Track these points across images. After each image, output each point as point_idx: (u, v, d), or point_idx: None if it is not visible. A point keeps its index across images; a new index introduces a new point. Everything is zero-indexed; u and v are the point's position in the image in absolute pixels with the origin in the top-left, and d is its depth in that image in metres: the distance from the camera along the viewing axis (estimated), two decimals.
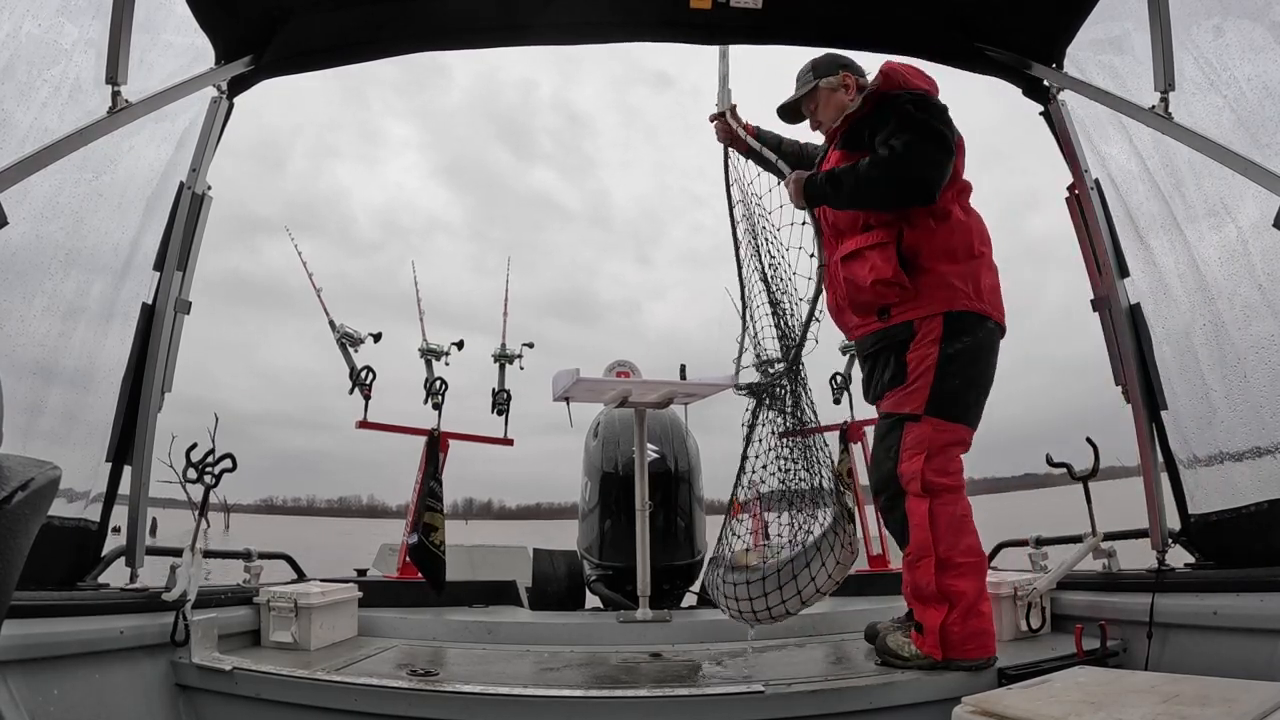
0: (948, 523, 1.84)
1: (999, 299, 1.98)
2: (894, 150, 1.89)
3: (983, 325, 1.93)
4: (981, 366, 1.94)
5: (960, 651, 1.79)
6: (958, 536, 1.84)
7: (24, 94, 1.73)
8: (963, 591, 1.81)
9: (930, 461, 1.86)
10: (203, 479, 2.11)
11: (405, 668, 1.98)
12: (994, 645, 1.83)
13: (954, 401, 1.90)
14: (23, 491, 0.61)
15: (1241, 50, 1.83)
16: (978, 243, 1.98)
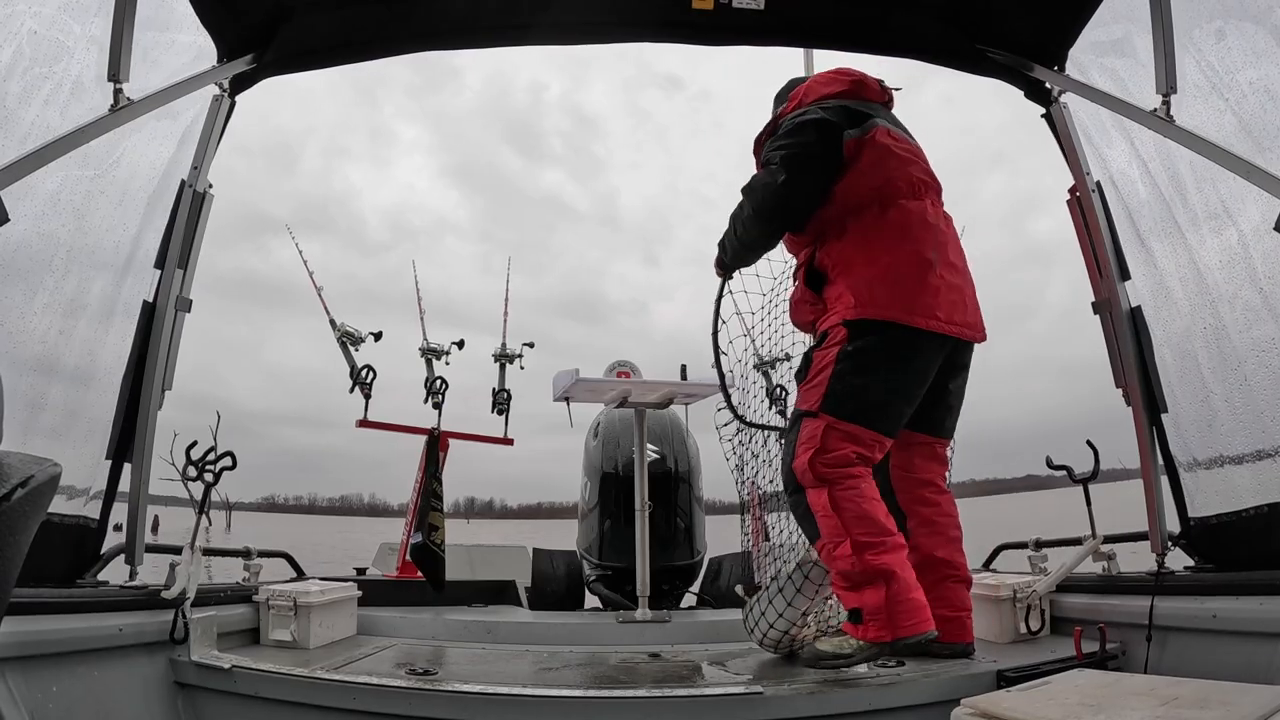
0: (852, 507, 1.83)
1: (917, 300, 1.90)
2: (743, 191, 2.08)
3: (887, 330, 1.90)
4: (888, 371, 1.91)
5: (909, 628, 1.75)
6: (866, 518, 1.82)
7: (26, 91, 1.73)
8: (891, 567, 1.79)
9: (821, 455, 1.87)
10: (203, 476, 2.11)
11: (404, 667, 1.97)
12: (933, 620, 1.79)
13: (850, 400, 1.89)
14: (22, 489, 0.61)
15: (1243, 54, 1.83)
16: (890, 245, 1.95)
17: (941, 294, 1.94)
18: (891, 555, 1.80)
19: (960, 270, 2.05)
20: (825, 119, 2.01)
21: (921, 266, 1.94)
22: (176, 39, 2.12)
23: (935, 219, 2.04)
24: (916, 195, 2.03)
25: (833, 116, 2.02)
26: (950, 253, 2.03)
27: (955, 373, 2.08)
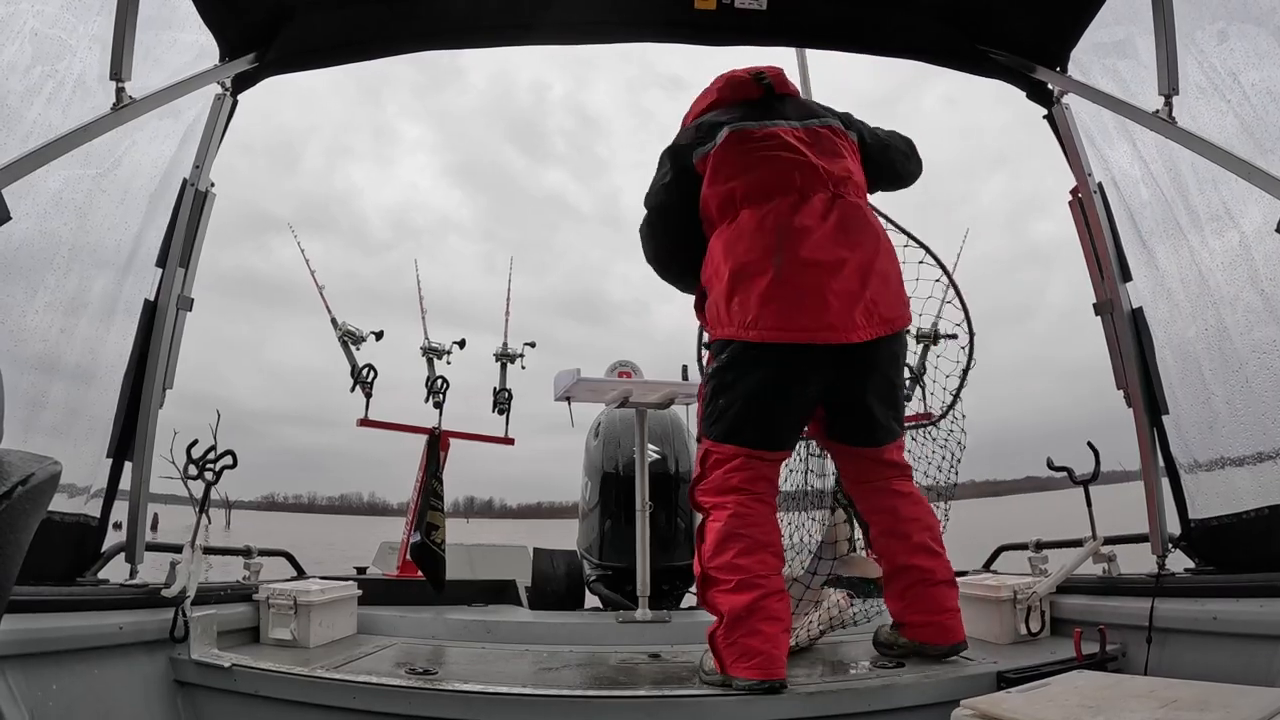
0: (712, 539, 1.83)
1: (760, 312, 1.81)
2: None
3: (729, 348, 1.87)
4: (741, 389, 1.85)
5: (733, 669, 1.70)
6: (718, 554, 1.81)
7: (28, 89, 1.73)
8: (721, 608, 1.78)
9: (699, 483, 1.92)
10: (203, 475, 2.12)
11: (404, 666, 1.98)
12: (779, 670, 1.69)
13: (717, 422, 1.90)
14: (23, 486, 0.62)
15: (1245, 55, 1.83)
16: (722, 265, 1.90)
17: (788, 299, 1.81)
18: (726, 598, 1.77)
19: (825, 265, 1.83)
20: (676, 146, 2.07)
21: (759, 275, 1.83)
22: (178, 38, 2.12)
23: (795, 215, 1.86)
24: (769, 195, 1.90)
25: (685, 139, 2.05)
26: (811, 248, 1.84)
27: (861, 376, 1.89)
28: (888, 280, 1.91)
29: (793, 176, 1.91)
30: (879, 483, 2.01)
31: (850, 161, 2.00)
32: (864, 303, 1.83)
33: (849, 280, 1.83)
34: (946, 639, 1.91)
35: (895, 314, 1.91)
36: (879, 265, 1.89)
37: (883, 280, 1.89)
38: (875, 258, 1.89)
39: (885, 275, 1.91)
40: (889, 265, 1.95)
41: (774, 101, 2.06)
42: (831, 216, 1.88)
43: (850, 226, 1.89)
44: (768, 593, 1.76)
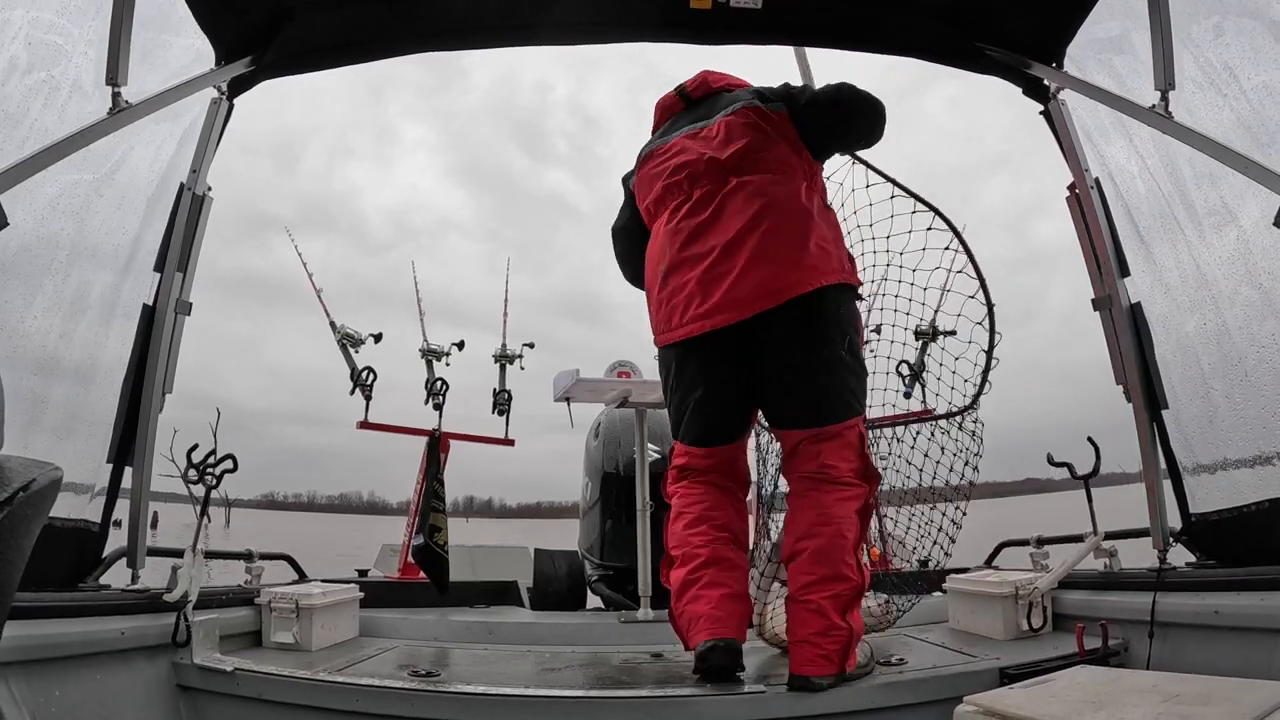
0: (666, 526, 1.98)
1: (664, 318, 1.94)
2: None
3: (658, 355, 2.03)
4: (674, 391, 1.98)
5: (688, 639, 1.82)
6: (669, 536, 1.95)
7: (24, 95, 1.73)
8: (670, 583, 1.90)
9: (666, 477, 2.05)
10: (204, 480, 2.12)
11: (406, 668, 1.98)
12: (726, 630, 1.75)
13: (672, 422, 2.03)
14: (24, 492, 0.61)
15: (1241, 49, 1.83)
16: (645, 277, 2.06)
17: (674, 302, 1.90)
18: (678, 570, 1.88)
19: (698, 256, 1.87)
20: (626, 174, 2.21)
21: (655, 284, 1.97)
22: (175, 42, 2.12)
23: (680, 218, 1.93)
24: (664, 206, 2.00)
25: (631, 169, 2.18)
26: (686, 244, 1.90)
27: (763, 354, 1.85)
28: (774, 252, 1.82)
29: (682, 181, 1.97)
30: (804, 471, 1.85)
31: (757, 138, 1.93)
32: (743, 281, 1.80)
33: (722, 264, 1.83)
34: (792, 668, 1.71)
35: (784, 283, 1.79)
36: (761, 240, 1.82)
37: (766, 253, 1.81)
38: (755, 233, 1.83)
39: (769, 248, 1.82)
40: (780, 235, 1.84)
41: (694, 106, 2.11)
42: (714, 206, 1.90)
43: (731, 209, 1.87)
44: (707, 560, 1.84)
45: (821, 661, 1.68)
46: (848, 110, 1.99)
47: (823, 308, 1.82)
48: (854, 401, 1.86)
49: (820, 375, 1.83)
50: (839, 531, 1.75)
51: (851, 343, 1.85)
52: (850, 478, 1.81)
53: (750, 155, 1.92)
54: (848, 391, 1.85)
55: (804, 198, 1.90)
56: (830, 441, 1.82)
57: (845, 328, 1.85)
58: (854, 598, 1.73)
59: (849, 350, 1.84)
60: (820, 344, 1.82)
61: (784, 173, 1.92)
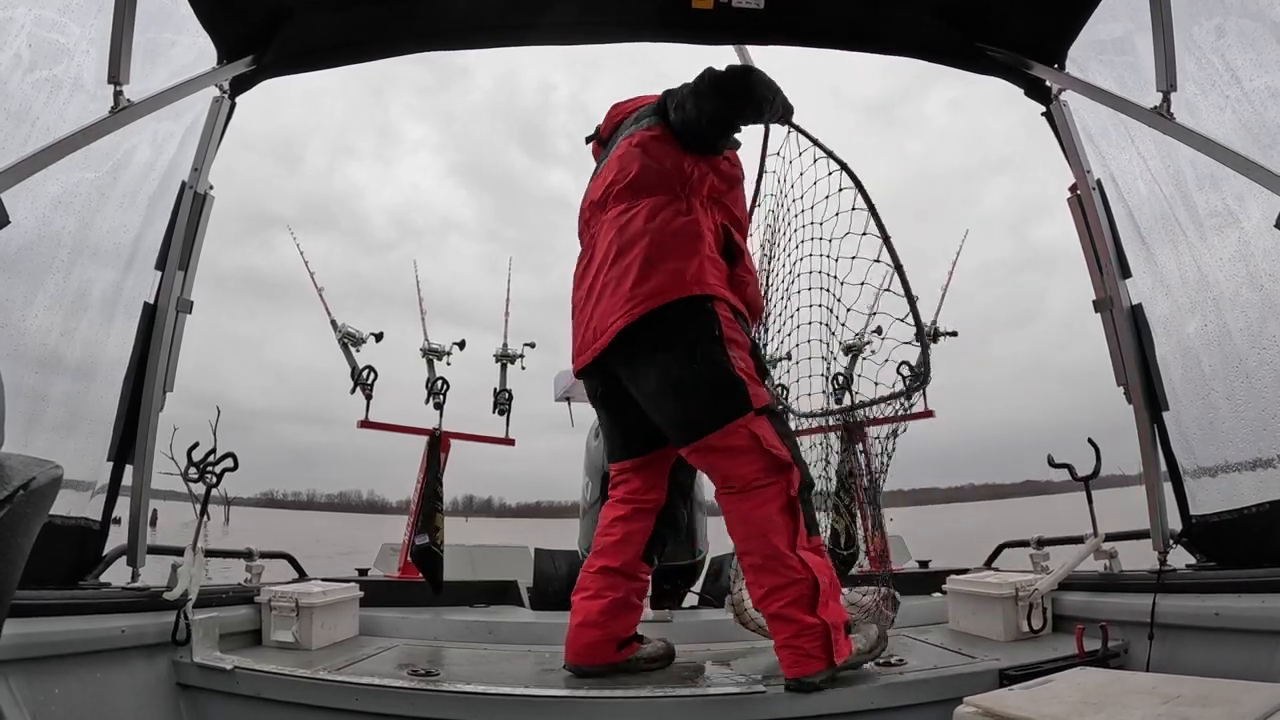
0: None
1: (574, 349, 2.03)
2: None
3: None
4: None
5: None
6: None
7: (26, 93, 1.73)
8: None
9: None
10: (204, 478, 2.12)
11: (406, 668, 1.98)
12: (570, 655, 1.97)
13: None
14: (24, 490, 0.61)
15: (1243, 50, 1.83)
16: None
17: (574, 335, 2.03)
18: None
19: (590, 289, 1.96)
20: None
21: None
22: (176, 40, 2.12)
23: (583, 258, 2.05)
24: (582, 242, 2.10)
25: None
26: (576, 290, 2.04)
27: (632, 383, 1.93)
28: (614, 285, 1.88)
29: (582, 228, 2.12)
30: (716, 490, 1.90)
31: (627, 167, 1.98)
32: (593, 319, 1.92)
33: (587, 304, 1.96)
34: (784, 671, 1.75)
35: (615, 316, 1.85)
36: (606, 276, 1.91)
37: (608, 288, 1.89)
38: (605, 269, 1.92)
39: (611, 281, 1.89)
40: (619, 266, 1.89)
41: (607, 146, 2.17)
42: (588, 248, 2.04)
43: (598, 249, 1.97)
44: (577, 589, 2.07)
45: (806, 661, 1.68)
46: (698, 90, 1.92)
47: (662, 329, 1.82)
48: (724, 408, 1.79)
49: (676, 393, 1.84)
50: (765, 539, 1.73)
51: (704, 354, 1.81)
52: (758, 480, 1.76)
53: (617, 188, 1.98)
54: (710, 402, 1.80)
55: (650, 219, 1.90)
56: (717, 454, 1.80)
57: (691, 340, 1.82)
58: (812, 592, 1.70)
59: (701, 361, 1.81)
60: (668, 364, 1.83)
61: (647, 195, 1.94)
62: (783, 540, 1.72)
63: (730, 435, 1.77)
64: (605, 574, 2.00)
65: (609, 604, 1.97)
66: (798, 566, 1.70)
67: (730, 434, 1.77)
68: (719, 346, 1.82)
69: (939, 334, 3.79)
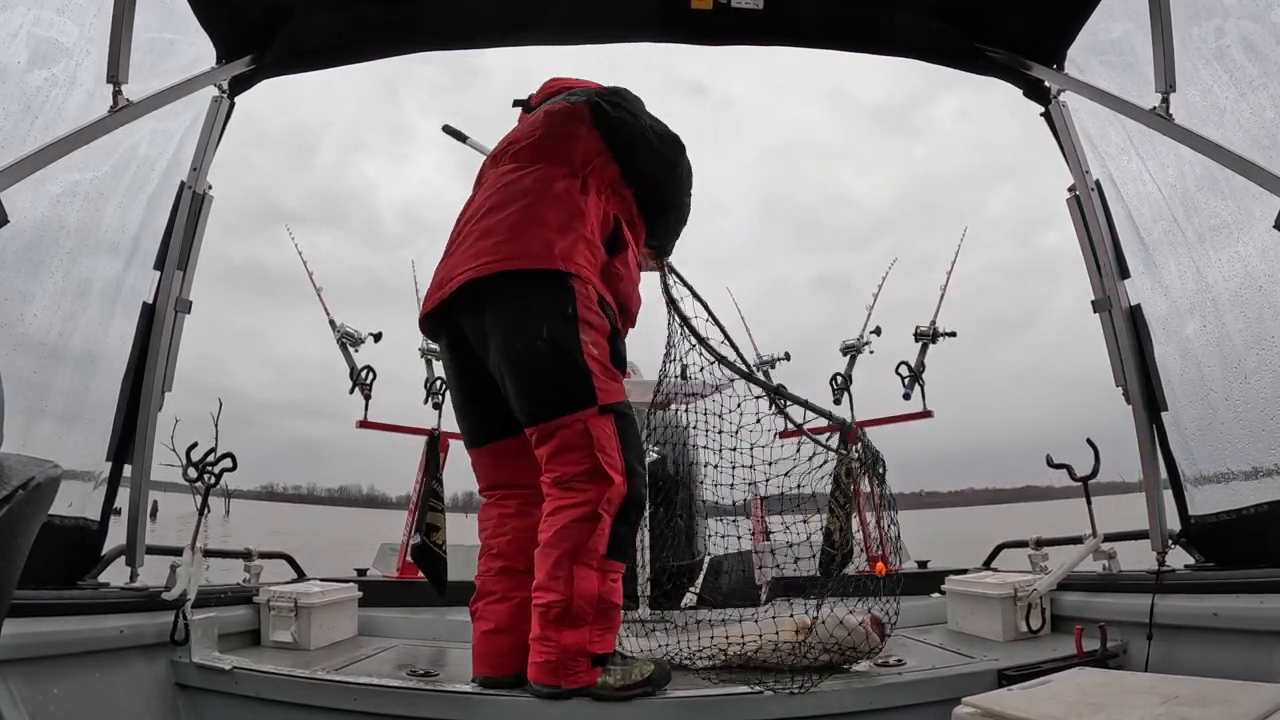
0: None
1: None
2: None
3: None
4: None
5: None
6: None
7: (24, 93, 1.73)
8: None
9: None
10: (203, 478, 2.12)
11: (405, 668, 1.97)
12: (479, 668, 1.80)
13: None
14: (24, 490, 0.61)
15: (1242, 51, 1.83)
16: None
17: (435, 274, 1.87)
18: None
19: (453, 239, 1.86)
20: None
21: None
22: (176, 40, 2.12)
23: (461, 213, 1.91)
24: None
25: None
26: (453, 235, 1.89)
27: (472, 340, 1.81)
28: (483, 236, 1.77)
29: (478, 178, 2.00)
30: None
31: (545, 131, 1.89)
32: (447, 262, 1.81)
33: (442, 263, 1.84)
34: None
35: (468, 266, 1.73)
36: (477, 226, 1.80)
37: (474, 237, 1.78)
38: (478, 219, 1.81)
39: (481, 231, 1.78)
40: (493, 218, 1.79)
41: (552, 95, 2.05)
42: (466, 207, 1.91)
43: (476, 201, 1.88)
44: (478, 594, 1.86)
45: (538, 669, 1.65)
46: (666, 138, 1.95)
47: (513, 294, 1.71)
48: (565, 398, 1.68)
49: (516, 370, 1.71)
50: (547, 542, 1.65)
51: (552, 332, 1.68)
52: (576, 482, 1.66)
53: (516, 148, 1.90)
54: (552, 388, 1.69)
55: (542, 182, 1.81)
56: (549, 444, 1.69)
57: (540, 315, 1.69)
58: (561, 614, 1.61)
59: (548, 340, 1.68)
60: (511, 335, 1.72)
61: (544, 162, 1.85)
62: (565, 547, 1.63)
63: (565, 427, 1.68)
64: (508, 574, 1.82)
65: (518, 606, 1.80)
66: (562, 581, 1.61)
67: (565, 425, 1.68)
68: (571, 328, 1.69)
69: (938, 334, 3.80)
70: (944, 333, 3.84)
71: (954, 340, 3.86)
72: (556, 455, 1.69)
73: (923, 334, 3.76)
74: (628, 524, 1.71)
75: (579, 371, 1.68)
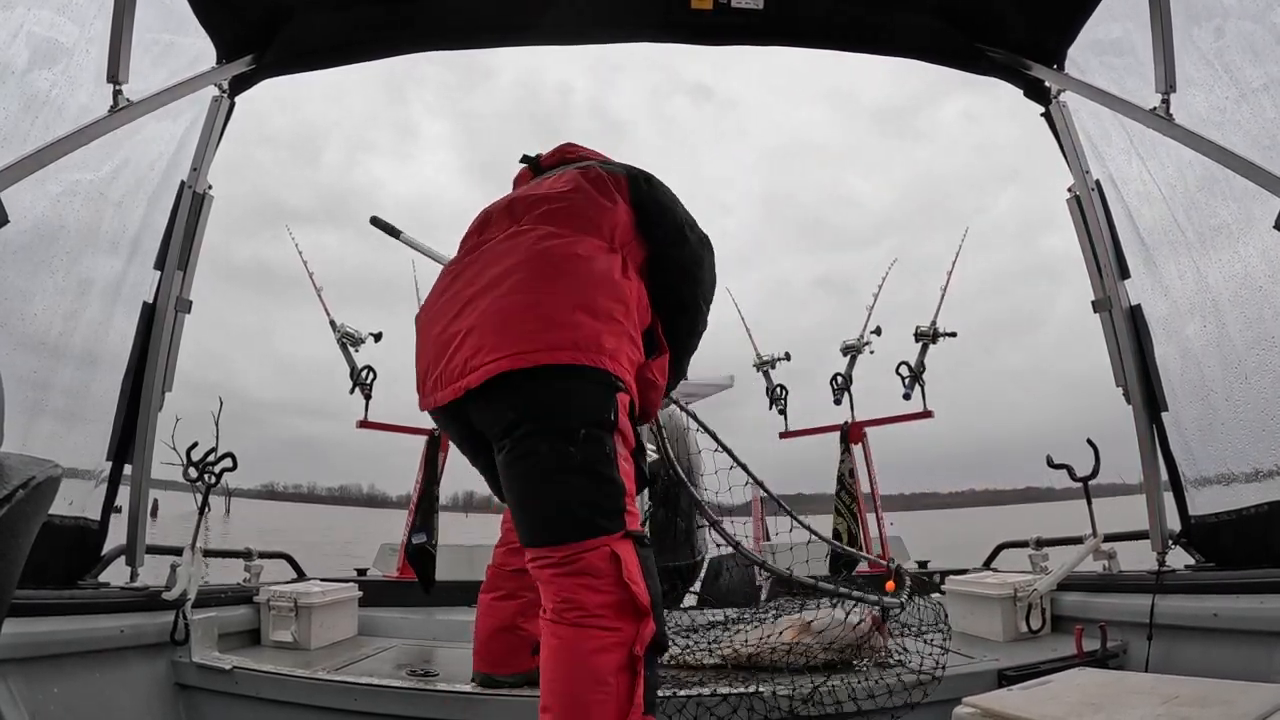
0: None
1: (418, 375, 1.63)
2: None
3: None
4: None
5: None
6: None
7: (24, 93, 1.73)
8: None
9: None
10: (203, 477, 2.12)
11: (405, 667, 1.98)
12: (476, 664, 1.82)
13: None
14: (24, 490, 0.61)
15: (1242, 52, 1.83)
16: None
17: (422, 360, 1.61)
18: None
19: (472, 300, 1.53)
20: None
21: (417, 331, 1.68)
22: (176, 40, 2.12)
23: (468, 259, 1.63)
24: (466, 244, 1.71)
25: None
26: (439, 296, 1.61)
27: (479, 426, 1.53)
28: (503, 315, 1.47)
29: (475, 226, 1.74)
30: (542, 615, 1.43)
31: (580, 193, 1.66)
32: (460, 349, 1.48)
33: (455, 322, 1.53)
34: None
35: (491, 356, 1.42)
36: (497, 299, 1.49)
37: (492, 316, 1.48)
38: (496, 288, 1.50)
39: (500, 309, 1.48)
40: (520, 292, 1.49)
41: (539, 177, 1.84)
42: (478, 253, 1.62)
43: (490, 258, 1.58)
44: (489, 586, 1.85)
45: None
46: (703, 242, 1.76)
47: (552, 390, 1.42)
48: (593, 518, 1.37)
49: (539, 479, 1.41)
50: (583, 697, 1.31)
51: (588, 440, 1.39)
52: (603, 618, 1.34)
53: (560, 210, 1.62)
54: (579, 504, 1.38)
55: (585, 256, 1.54)
56: (564, 570, 1.37)
57: (580, 419, 1.40)
58: None
59: (582, 449, 1.38)
60: (538, 438, 1.40)
61: (585, 231, 1.59)
62: (608, 711, 1.30)
63: (589, 551, 1.35)
64: (523, 574, 1.60)
65: (525, 606, 1.70)
66: None
67: (589, 550, 1.35)
68: (609, 437, 1.43)
69: (938, 335, 3.80)
70: (944, 333, 3.84)
71: (955, 341, 3.86)
72: (575, 584, 1.36)
73: (923, 334, 3.77)
74: (654, 669, 1.43)
75: (613, 487, 1.41)
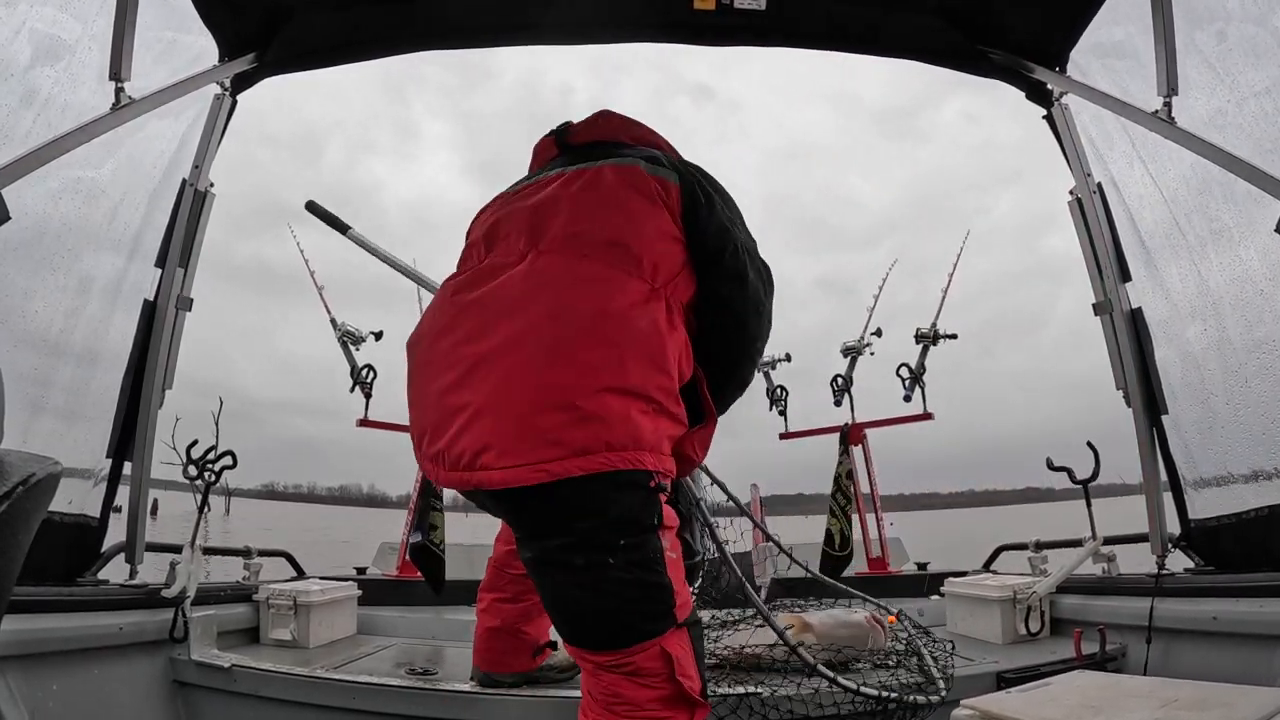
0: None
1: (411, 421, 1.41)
2: None
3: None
4: None
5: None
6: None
7: (27, 90, 1.73)
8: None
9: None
10: (203, 476, 2.12)
11: (404, 666, 1.98)
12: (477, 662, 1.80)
13: None
14: (23, 487, 0.61)
15: (1244, 55, 1.83)
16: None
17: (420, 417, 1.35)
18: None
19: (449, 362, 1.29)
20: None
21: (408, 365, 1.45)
22: (178, 38, 2.12)
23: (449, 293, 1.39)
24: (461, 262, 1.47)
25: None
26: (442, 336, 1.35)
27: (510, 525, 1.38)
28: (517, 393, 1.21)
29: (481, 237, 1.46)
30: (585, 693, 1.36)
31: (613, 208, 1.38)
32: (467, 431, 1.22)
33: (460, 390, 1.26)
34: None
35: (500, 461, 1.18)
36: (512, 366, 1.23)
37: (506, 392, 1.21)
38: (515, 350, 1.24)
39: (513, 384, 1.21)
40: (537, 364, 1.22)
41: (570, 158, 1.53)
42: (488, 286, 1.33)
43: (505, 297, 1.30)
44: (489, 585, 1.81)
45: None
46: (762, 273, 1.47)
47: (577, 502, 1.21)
48: (639, 624, 1.24)
49: (577, 589, 1.25)
50: None
51: (630, 548, 1.22)
52: (654, 714, 1.25)
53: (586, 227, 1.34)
54: (623, 614, 1.24)
55: (620, 306, 1.27)
56: (612, 671, 1.27)
57: (619, 530, 1.22)
58: None
59: (623, 559, 1.21)
60: (573, 551, 1.22)
61: (620, 266, 1.31)
62: None
63: (638, 654, 1.24)
64: (526, 578, 1.54)
65: (527, 609, 1.70)
66: None
67: (638, 652, 1.24)
68: (654, 539, 1.26)
69: (939, 336, 3.80)
70: (945, 334, 3.84)
71: (955, 342, 3.86)
72: (622, 683, 1.27)
73: (923, 336, 3.76)
74: None
75: (661, 590, 1.26)
